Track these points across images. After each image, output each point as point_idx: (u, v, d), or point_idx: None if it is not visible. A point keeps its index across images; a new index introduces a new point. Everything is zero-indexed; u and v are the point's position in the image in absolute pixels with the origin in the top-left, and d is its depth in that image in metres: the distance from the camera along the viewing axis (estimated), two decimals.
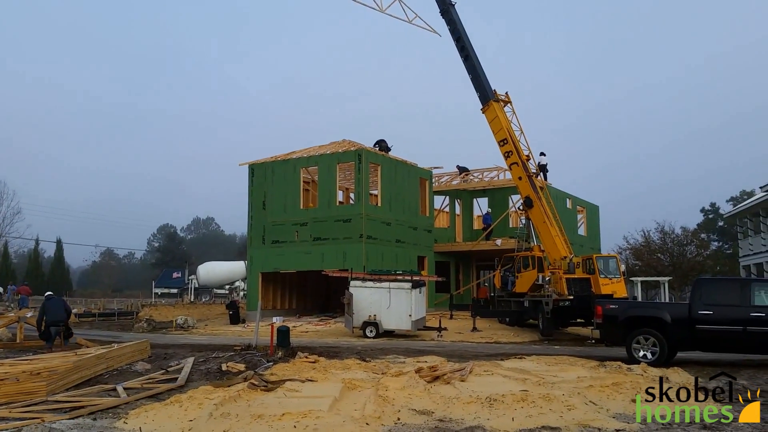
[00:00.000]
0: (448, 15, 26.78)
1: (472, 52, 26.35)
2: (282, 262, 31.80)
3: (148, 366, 14.20)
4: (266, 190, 32.59)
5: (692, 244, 52.09)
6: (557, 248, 24.20)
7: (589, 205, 42.74)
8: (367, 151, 31.10)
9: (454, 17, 26.65)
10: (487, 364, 12.79)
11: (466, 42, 26.43)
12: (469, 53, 26.27)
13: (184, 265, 71.70)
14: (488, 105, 25.66)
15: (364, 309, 22.77)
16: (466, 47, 26.33)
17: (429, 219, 35.08)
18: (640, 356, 13.75)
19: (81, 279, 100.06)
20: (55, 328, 17.45)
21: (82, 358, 12.80)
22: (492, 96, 25.67)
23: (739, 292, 13.64)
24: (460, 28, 26.56)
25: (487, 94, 25.76)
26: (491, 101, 25.55)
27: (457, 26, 26.56)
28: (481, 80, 26.02)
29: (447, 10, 26.76)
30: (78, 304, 49.77)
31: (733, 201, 70.27)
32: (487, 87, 25.87)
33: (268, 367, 13.17)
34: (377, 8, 27.97)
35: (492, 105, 25.50)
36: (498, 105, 25.52)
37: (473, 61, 26.20)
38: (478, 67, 26.16)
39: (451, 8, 26.73)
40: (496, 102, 25.56)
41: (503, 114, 25.47)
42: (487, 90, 25.83)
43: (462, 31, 26.54)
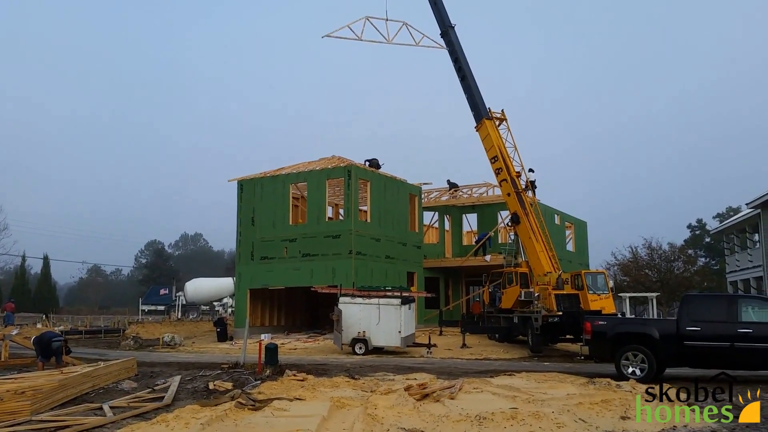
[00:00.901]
0: (447, 37, 27.33)
1: (469, 72, 26.80)
2: (271, 279, 31.65)
3: (135, 384, 14.06)
4: (255, 206, 32.52)
5: (679, 260, 52.38)
6: (541, 264, 24.36)
7: (577, 221, 42.94)
8: (357, 167, 31.15)
9: (452, 39, 27.16)
10: (476, 382, 12.75)
11: (464, 63, 26.88)
12: (466, 74, 26.71)
13: (172, 281, 71.23)
14: (481, 123, 25.96)
15: (353, 325, 22.66)
16: (463, 68, 26.78)
17: (418, 235, 35.10)
18: (629, 372, 13.76)
19: (68, 296, 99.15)
20: (57, 343, 17.04)
21: (67, 377, 12.65)
22: (486, 114, 25.97)
23: (727, 309, 13.70)
24: (458, 50, 27.04)
25: (481, 113, 26.08)
26: (484, 119, 25.84)
27: (455, 47, 27.06)
28: (475, 99, 26.39)
29: (446, 32, 27.32)
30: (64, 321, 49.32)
31: (719, 217, 70.89)
32: (481, 106, 26.22)
33: (255, 385, 13.07)
34: (385, 41, 28.62)
35: (485, 123, 25.78)
36: (490, 123, 25.78)
37: (469, 81, 26.62)
38: (473, 87, 26.58)
39: (451, 30, 27.27)
40: (489, 120, 25.86)
41: (495, 132, 25.71)
42: (481, 109, 26.17)
43: (460, 52, 27.04)
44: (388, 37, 28.44)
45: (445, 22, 27.34)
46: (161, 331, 34.02)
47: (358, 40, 29.46)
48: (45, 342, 16.93)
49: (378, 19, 29.35)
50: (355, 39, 29.48)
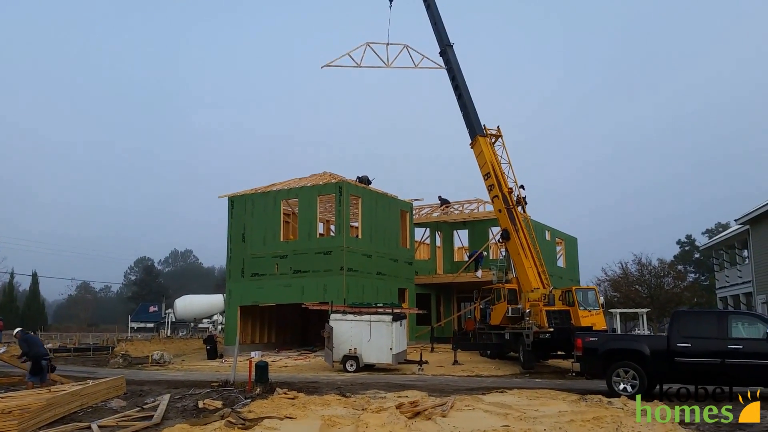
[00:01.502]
0: (446, 55, 27.67)
1: (465, 91, 27.05)
2: (261, 295, 31.51)
3: (124, 403, 13.89)
4: (246, 222, 32.45)
5: (669, 276, 52.60)
6: (528, 280, 24.43)
7: (567, 237, 43.09)
8: (348, 183, 31.18)
9: (450, 57, 27.48)
10: (468, 399, 12.69)
11: (460, 81, 27.15)
12: (462, 92, 26.98)
13: (161, 298, 70.77)
14: (476, 140, 26.17)
15: (344, 342, 22.58)
16: (460, 86, 27.05)
17: (410, 251, 35.09)
18: (620, 389, 13.74)
19: (56, 313, 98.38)
20: (45, 362, 16.72)
21: (55, 395, 12.49)
22: (480, 131, 26.15)
23: (717, 325, 13.72)
24: (455, 68, 27.35)
25: (476, 130, 26.26)
26: (478, 136, 26.03)
27: (452, 66, 27.37)
28: (470, 117, 26.59)
29: (445, 51, 27.69)
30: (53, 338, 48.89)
31: (708, 233, 71.39)
32: (476, 123, 26.42)
33: (246, 404, 12.95)
34: (384, 65, 28.91)
35: (479, 140, 25.97)
36: (484, 140, 25.95)
37: (465, 99, 26.86)
38: (469, 105, 26.80)
39: (449, 49, 27.61)
40: (483, 137, 26.05)
41: (488, 149, 25.88)
42: (475, 126, 26.36)
43: (457, 70, 27.36)
44: (388, 61, 28.75)
45: (444, 41, 27.71)
46: (150, 348, 33.75)
47: (358, 67, 29.97)
48: None
49: (378, 44, 29.78)
50: (355, 66, 29.96)
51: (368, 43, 29.73)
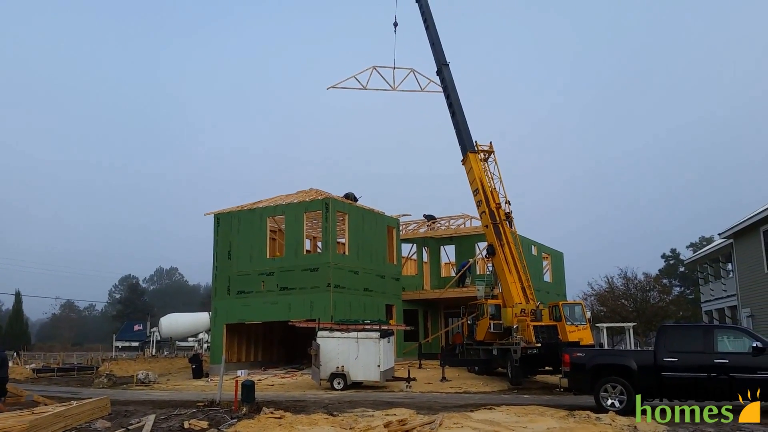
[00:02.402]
0: (441, 74, 28.37)
1: (459, 109, 27.62)
2: (247, 313, 31.27)
3: (108, 424, 13.69)
4: (232, 239, 32.28)
5: (655, 290, 52.90)
6: (512, 295, 24.57)
7: (553, 252, 43.23)
8: (335, 199, 31.16)
9: (446, 76, 28.12)
10: (456, 416, 12.62)
11: (454, 99, 27.74)
12: (456, 110, 27.57)
13: (146, 317, 70.05)
14: (466, 156, 26.60)
15: (331, 360, 22.43)
16: (454, 104, 27.66)
17: (396, 267, 35.05)
18: (608, 405, 13.71)
19: (40, 332, 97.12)
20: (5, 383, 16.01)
21: (38, 417, 12.28)
22: (471, 148, 26.65)
23: (703, 339, 13.76)
24: (450, 86, 27.99)
25: (467, 147, 26.72)
26: (469, 153, 26.48)
27: (448, 85, 27.98)
28: (462, 134, 27.13)
29: (441, 70, 28.35)
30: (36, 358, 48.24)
31: (693, 247, 71.87)
32: (467, 140, 26.95)
33: (232, 423, 12.82)
34: (391, 89, 29.25)
35: (469, 157, 26.36)
36: (474, 156, 26.37)
37: (458, 117, 27.45)
38: (462, 122, 27.36)
39: (444, 68, 28.26)
40: (473, 153, 26.52)
41: (477, 165, 26.30)
42: (467, 143, 26.87)
43: (452, 89, 28.00)
44: (394, 84, 29.05)
45: (440, 60, 28.36)
46: (135, 368, 33.40)
47: (364, 89, 30.46)
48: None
49: (385, 67, 30.27)
50: (360, 89, 30.45)
51: (375, 67, 30.39)
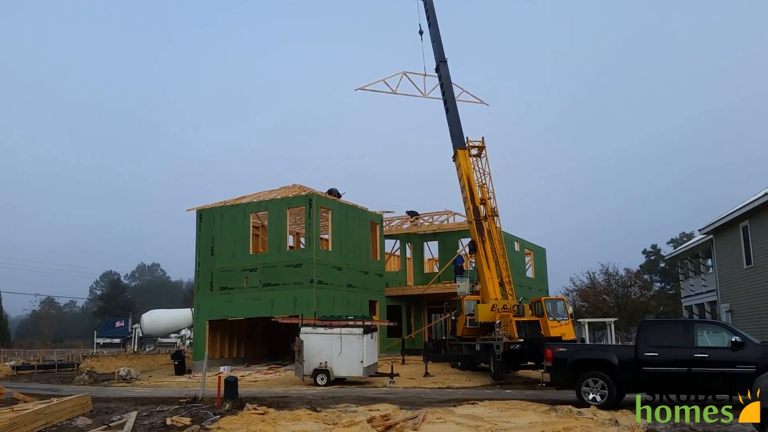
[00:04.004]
0: (440, 71, 28.68)
1: (453, 105, 27.96)
2: (230, 309, 31.12)
3: (89, 421, 13.59)
4: (215, 235, 32.10)
5: (636, 285, 53.42)
6: (488, 291, 24.77)
7: (536, 248, 43.47)
8: (318, 195, 31.09)
9: (443, 72, 28.53)
10: (439, 411, 12.68)
11: (449, 96, 28.08)
12: (450, 107, 27.89)
13: (128, 313, 69.53)
14: (456, 153, 26.93)
15: (314, 356, 22.41)
16: (448, 101, 27.99)
17: (380, 263, 35.06)
18: (589, 399, 13.84)
19: (20, 329, 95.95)
20: None
21: (18, 414, 12.16)
22: (461, 145, 26.92)
23: (683, 334, 13.92)
24: (445, 83, 28.30)
25: (457, 144, 26.98)
26: (458, 149, 26.79)
27: (444, 81, 28.34)
28: (454, 131, 27.40)
29: (438, 67, 28.74)
30: (16, 355, 47.69)
31: (673, 242, 72.58)
32: (459, 137, 27.17)
33: (215, 420, 12.76)
34: (421, 95, 29.43)
35: (458, 153, 26.68)
36: (463, 153, 26.67)
37: (452, 113, 27.76)
38: (455, 119, 27.61)
39: (442, 64, 28.68)
40: (463, 150, 26.77)
41: (465, 161, 26.57)
42: (458, 140, 27.11)
43: (447, 85, 28.34)
44: (425, 91, 29.13)
45: (439, 57, 28.73)
46: (117, 364, 33.13)
47: (393, 94, 30.65)
48: None
49: (415, 74, 30.30)
50: (390, 92, 30.67)
51: (405, 73, 30.68)
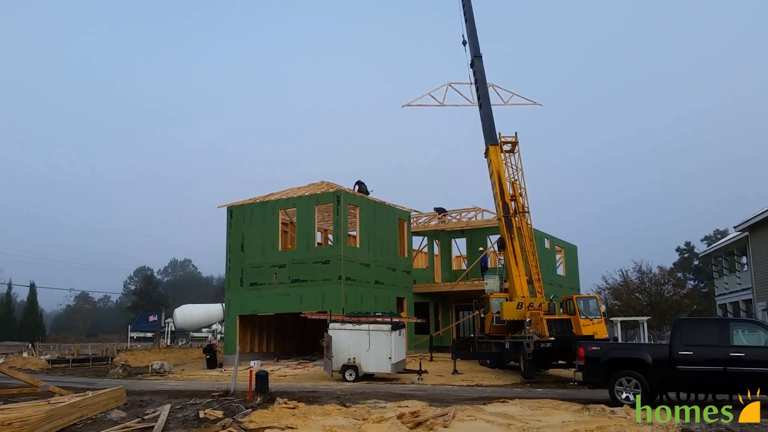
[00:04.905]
0: (474, 66, 28.41)
1: (486, 101, 27.70)
2: (260, 305, 31.42)
3: (124, 414, 13.80)
4: (244, 232, 32.40)
5: (669, 284, 52.54)
6: (515, 289, 24.59)
7: (567, 245, 43.03)
8: (346, 192, 31.17)
9: (478, 67, 28.22)
10: (469, 409, 12.62)
11: (482, 92, 27.84)
12: (483, 102, 27.65)
13: (161, 308, 70.57)
14: (488, 149, 26.76)
15: (343, 352, 22.49)
16: (482, 97, 27.77)
17: (408, 260, 35.04)
18: (622, 398, 13.67)
19: (55, 323, 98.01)
20: None
21: (55, 407, 12.40)
22: (493, 141, 26.70)
23: (718, 332, 13.69)
24: (480, 78, 28.04)
25: (489, 140, 26.81)
26: (490, 146, 26.61)
27: (478, 76, 28.10)
28: (486, 128, 27.19)
29: (473, 62, 28.46)
30: (51, 349, 48.71)
31: (707, 240, 71.38)
32: (491, 133, 26.97)
33: (246, 413, 12.88)
34: (470, 104, 29.47)
35: (490, 150, 26.54)
36: (494, 149, 26.51)
37: (485, 109, 27.53)
38: (488, 115, 27.37)
39: (477, 59, 28.38)
40: (494, 146, 26.56)
41: (496, 157, 26.42)
42: (489, 136, 26.90)
43: (481, 81, 28.02)
44: (474, 100, 28.86)
45: (474, 52, 28.48)
46: (150, 358, 33.62)
47: (441, 106, 30.41)
48: None
49: (461, 83, 29.93)
50: (437, 105, 30.45)
51: (450, 84, 30.34)
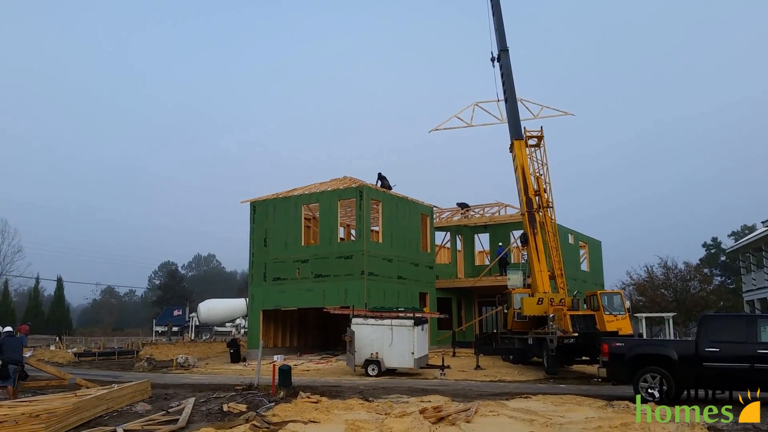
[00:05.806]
0: (500, 60, 28.42)
1: (512, 96, 27.66)
2: (283, 300, 31.61)
3: (149, 407, 14.01)
4: (267, 227, 32.60)
5: (695, 279, 51.85)
6: (537, 284, 24.46)
7: (591, 241, 42.65)
8: (368, 187, 31.20)
9: (504, 62, 28.22)
10: (492, 404, 12.59)
11: (508, 86, 27.79)
12: (509, 97, 27.61)
13: (185, 302, 71.31)
14: (513, 144, 26.75)
15: (365, 347, 22.54)
16: (508, 91, 27.75)
17: (430, 255, 34.99)
18: (647, 395, 13.54)
19: (81, 317, 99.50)
20: (13, 367, 15.40)
21: (81, 400, 12.62)
22: (518, 136, 26.67)
23: (746, 329, 13.49)
24: (506, 73, 28.01)
25: (514, 135, 26.80)
26: (515, 141, 26.60)
27: (504, 71, 28.11)
28: (511, 122, 27.19)
29: (500, 56, 28.48)
30: (78, 343, 49.50)
31: (734, 236, 70.25)
32: (516, 128, 26.93)
33: (270, 407, 12.99)
34: (499, 121, 29.44)
35: (515, 144, 26.50)
36: (519, 144, 26.49)
37: (511, 104, 27.51)
38: (514, 110, 27.38)
39: (503, 54, 28.41)
40: (519, 141, 26.55)
41: (521, 153, 26.41)
42: (515, 131, 26.87)
43: (507, 75, 27.97)
44: (502, 117, 28.83)
45: (501, 46, 28.44)
46: (175, 352, 34.02)
47: (469, 127, 30.50)
48: None
49: (488, 102, 29.97)
50: (465, 126, 30.51)
51: (477, 103, 30.40)
